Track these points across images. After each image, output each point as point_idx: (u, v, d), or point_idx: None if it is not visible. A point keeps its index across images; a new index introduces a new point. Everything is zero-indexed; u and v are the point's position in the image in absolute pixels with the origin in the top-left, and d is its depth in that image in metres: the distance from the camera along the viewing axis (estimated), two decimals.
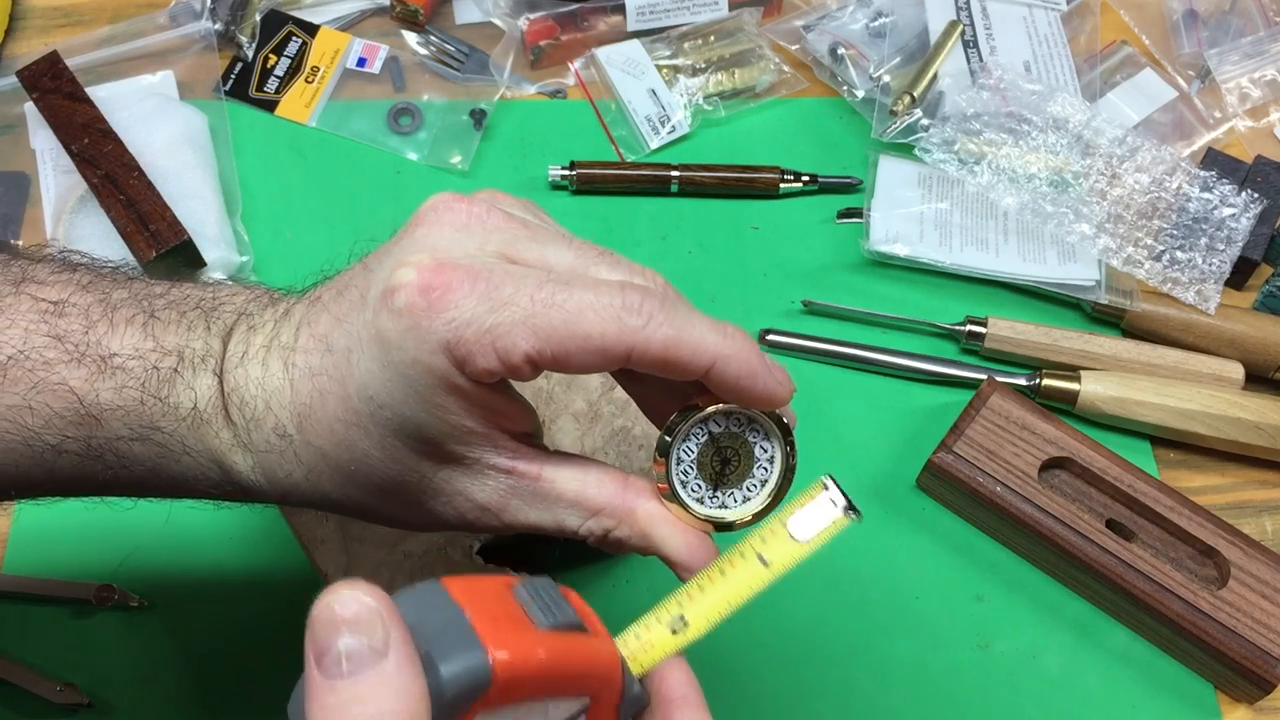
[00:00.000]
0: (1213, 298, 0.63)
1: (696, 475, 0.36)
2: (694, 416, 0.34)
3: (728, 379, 0.33)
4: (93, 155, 0.62)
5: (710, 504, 0.36)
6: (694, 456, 0.36)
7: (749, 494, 0.37)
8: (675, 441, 0.35)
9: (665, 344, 0.31)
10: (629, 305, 0.31)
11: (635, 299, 0.31)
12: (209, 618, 0.53)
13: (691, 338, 0.32)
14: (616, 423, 0.51)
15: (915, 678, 0.54)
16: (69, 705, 0.50)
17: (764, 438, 0.37)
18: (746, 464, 0.37)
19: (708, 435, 0.36)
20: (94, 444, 0.35)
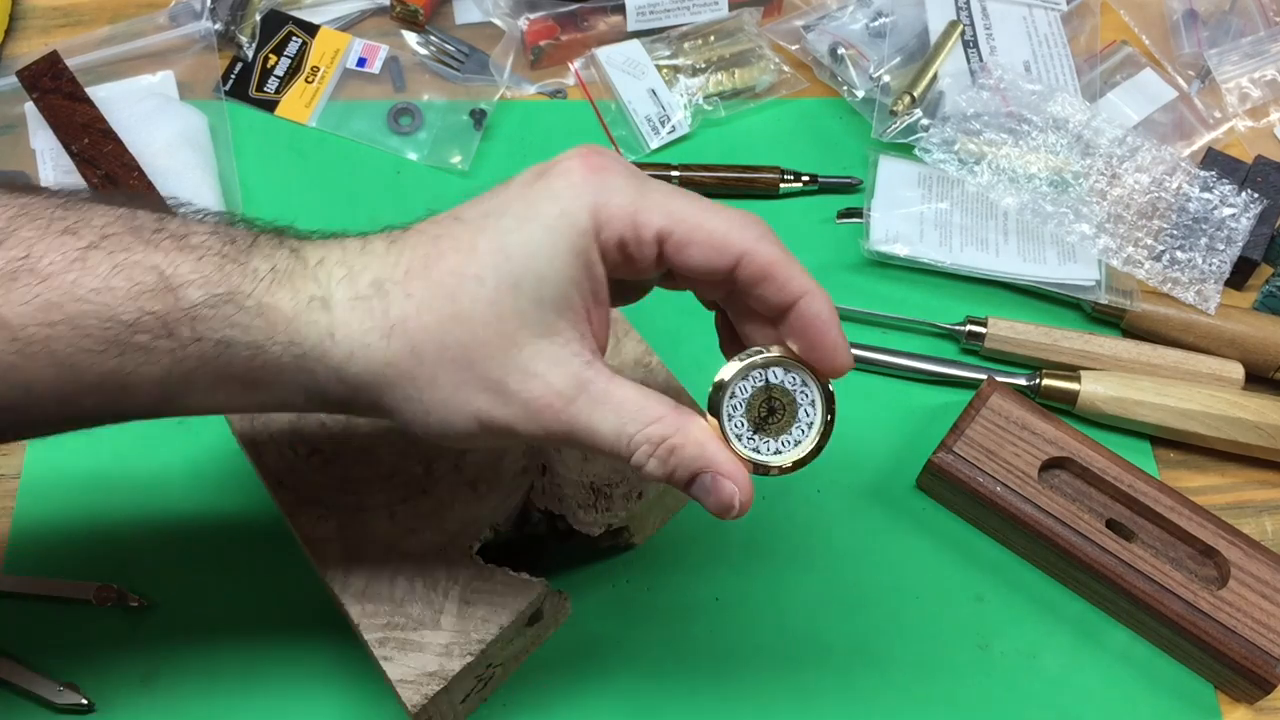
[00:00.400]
0: (1213, 298, 0.63)
1: (743, 413, 0.39)
2: (763, 356, 0.38)
3: (808, 318, 0.37)
4: (93, 155, 0.62)
5: (745, 444, 0.39)
6: (745, 397, 0.39)
7: (781, 448, 0.39)
8: (736, 377, 0.38)
9: (770, 259, 0.36)
10: (748, 222, 0.37)
11: (753, 220, 0.37)
12: (209, 618, 0.53)
13: (790, 266, 0.36)
14: None
15: (915, 678, 0.54)
16: (69, 705, 0.50)
17: (810, 403, 0.39)
18: (788, 420, 0.39)
19: (764, 382, 0.39)
20: (170, 318, 0.35)
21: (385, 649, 0.45)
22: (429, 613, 0.45)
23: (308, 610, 0.53)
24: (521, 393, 0.36)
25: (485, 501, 0.48)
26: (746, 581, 0.56)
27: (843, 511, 0.59)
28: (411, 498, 0.48)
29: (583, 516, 0.49)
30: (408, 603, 0.46)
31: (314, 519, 0.48)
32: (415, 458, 0.49)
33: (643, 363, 0.52)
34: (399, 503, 0.48)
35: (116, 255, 0.35)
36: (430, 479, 0.49)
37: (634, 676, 0.53)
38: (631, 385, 0.36)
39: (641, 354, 0.52)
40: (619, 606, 0.55)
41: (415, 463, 0.49)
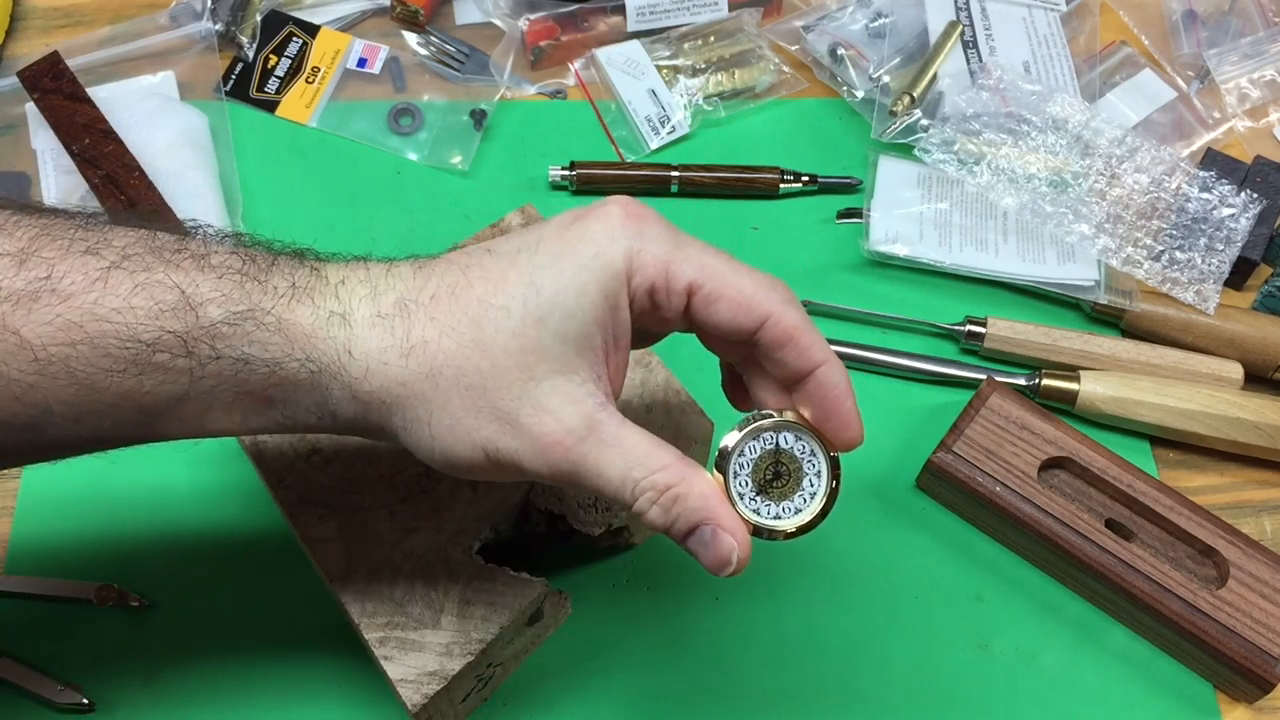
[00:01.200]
0: (1212, 298, 0.63)
1: (748, 473, 0.39)
2: (773, 419, 0.39)
3: (826, 387, 0.38)
4: (93, 155, 0.62)
5: (747, 505, 0.39)
6: (753, 458, 0.39)
7: (782, 514, 0.39)
8: (746, 436, 0.39)
9: (794, 325, 0.37)
10: (775, 285, 0.38)
11: (779, 284, 0.38)
12: (209, 618, 0.53)
13: (813, 334, 0.38)
14: None
15: (915, 678, 0.54)
16: (70, 705, 0.50)
17: (816, 472, 0.40)
18: (792, 486, 0.40)
19: (774, 445, 0.39)
20: (190, 336, 0.35)
21: (385, 648, 0.45)
22: (429, 612, 0.46)
23: (308, 610, 0.53)
24: (533, 426, 0.35)
25: (485, 501, 0.48)
26: (747, 581, 0.56)
27: (843, 511, 0.58)
28: (411, 497, 0.48)
29: (583, 516, 0.49)
30: (408, 602, 0.46)
31: (314, 518, 0.48)
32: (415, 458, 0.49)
33: (642, 362, 0.52)
34: (399, 502, 0.48)
35: (138, 275, 0.35)
36: (430, 479, 0.49)
37: (634, 676, 0.53)
38: (641, 432, 0.37)
39: (641, 354, 0.52)
40: (619, 606, 0.55)
41: (415, 463, 0.49)
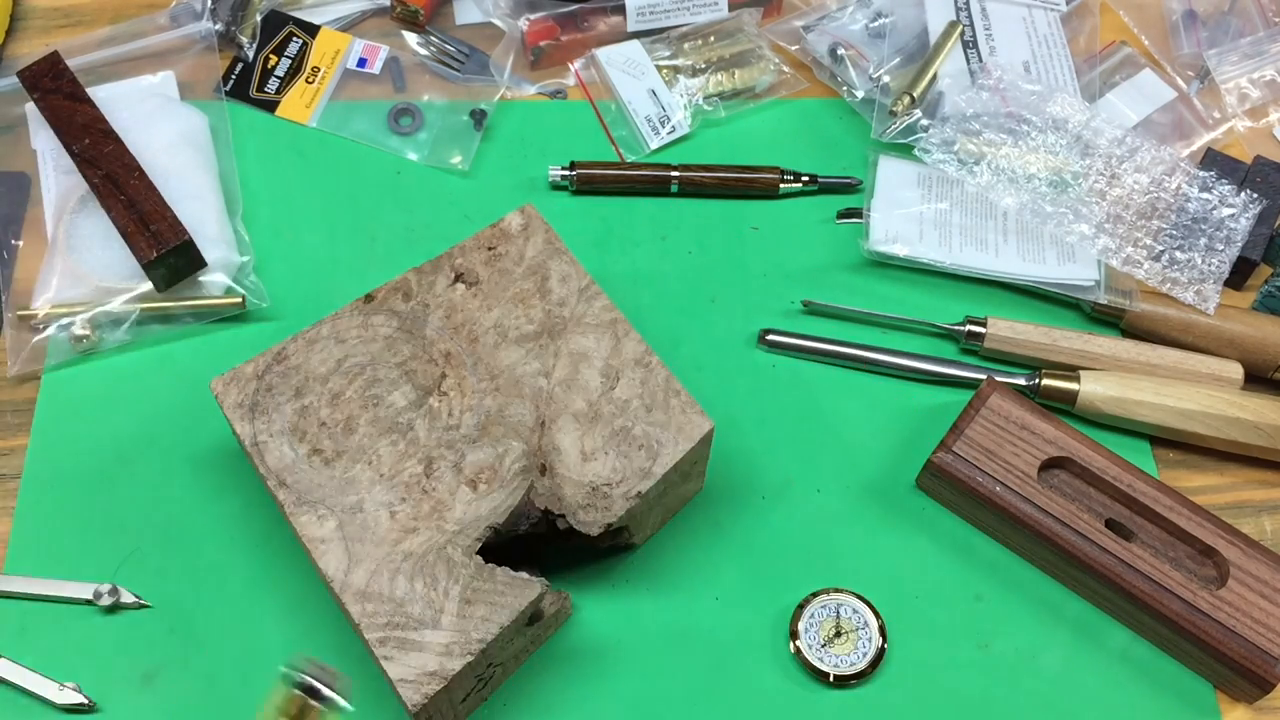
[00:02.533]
0: (1212, 298, 0.63)
1: (817, 630, 0.54)
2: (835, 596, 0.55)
3: None
4: (93, 155, 0.62)
5: (811, 653, 0.53)
6: (820, 619, 0.54)
7: (839, 663, 0.53)
8: (814, 604, 0.54)
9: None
10: None
11: None
12: (209, 618, 0.53)
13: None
14: (617, 422, 0.51)
15: (915, 678, 0.54)
16: (70, 705, 0.50)
17: (868, 639, 0.54)
18: (849, 643, 0.54)
19: (835, 612, 0.54)
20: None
21: (386, 648, 0.45)
22: (429, 612, 0.46)
23: (308, 609, 0.53)
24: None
25: (486, 501, 0.48)
26: (747, 580, 0.56)
27: (843, 511, 0.59)
28: (411, 498, 0.48)
29: (583, 516, 0.49)
30: (408, 602, 0.46)
31: (314, 519, 0.48)
32: (416, 457, 0.49)
33: (642, 363, 0.52)
34: (399, 502, 0.48)
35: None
36: (430, 479, 0.49)
37: (634, 676, 0.53)
38: None
39: (641, 354, 0.53)
40: (619, 606, 0.55)
41: (416, 462, 0.49)
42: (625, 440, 0.51)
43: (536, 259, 0.55)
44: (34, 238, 0.64)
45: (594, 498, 0.50)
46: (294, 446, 0.49)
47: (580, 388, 0.52)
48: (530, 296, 0.54)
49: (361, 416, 0.50)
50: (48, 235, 0.63)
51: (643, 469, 0.50)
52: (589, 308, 0.54)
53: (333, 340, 0.52)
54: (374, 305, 0.53)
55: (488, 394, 0.51)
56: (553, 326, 0.53)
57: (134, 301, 0.61)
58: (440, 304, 0.54)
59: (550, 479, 0.50)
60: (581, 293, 0.54)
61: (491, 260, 0.55)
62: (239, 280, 0.63)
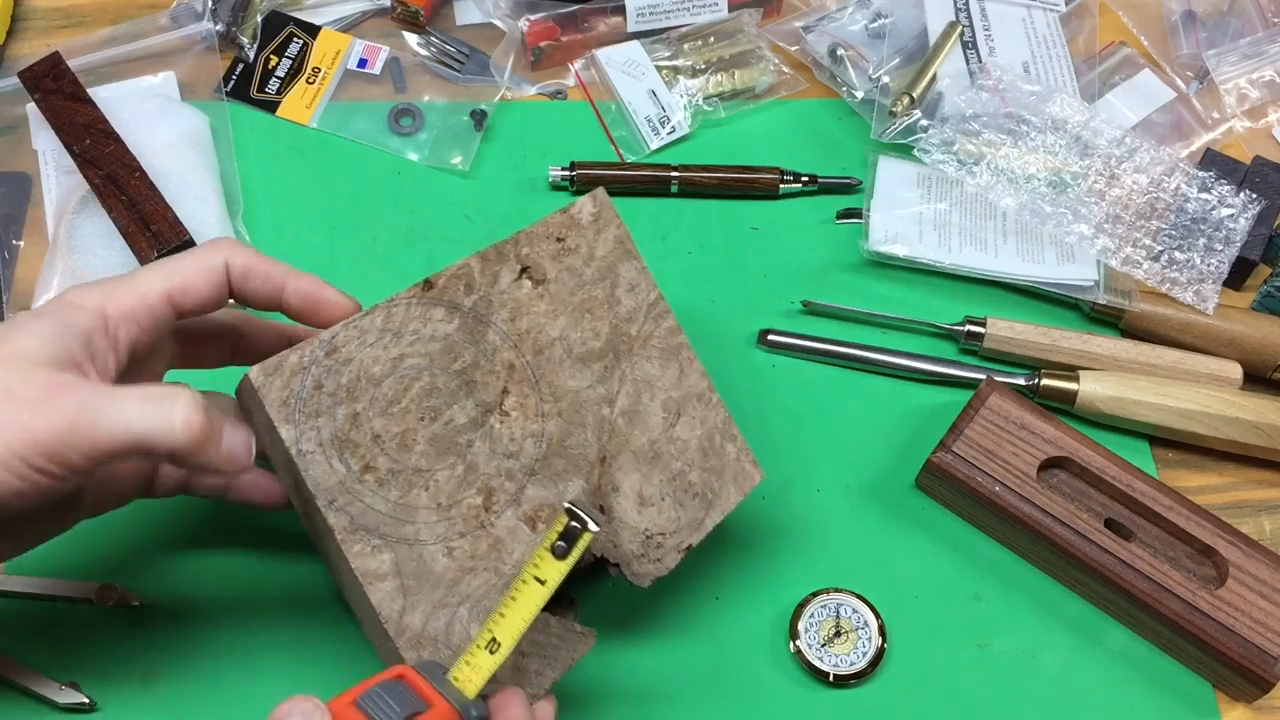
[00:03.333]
0: (1211, 298, 0.63)
1: (817, 630, 0.54)
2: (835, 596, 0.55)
3: (303, 292, 0.45)
4: (94, 156, 0.62)
5: (811, 653, 0.53)
6: (820, 619, 0.54)
7: (838, 663, 0.53)
8: (814, 604, 0.55)
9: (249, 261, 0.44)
10: (218, 243, 0.45)
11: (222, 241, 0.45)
12: (209, 617, 0.53)
13: (269, 262, 0.45)
14: (675, 465, 0.50)
15: (915, 677, 0.54)
16: (71, 704, 0.50)
17: (867, 638, 0.54)
18: (849, 643, 0.54)
19: (835, 612, 0.54)
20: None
21: None
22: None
23: (308, 609, 0.53)
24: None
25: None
26: (746, 580, 0.56)
27: (843, 511, 0.59)
28: (470, 533, 0.45)
29: (637, 568, 0.48)
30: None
31: (368, 550, 0.43)
32: (475, 485, 0.46)
33: (704, 399, 0.52)
34: (457, 537, 0.45)
35: None
36: (489, 512, 0.46)
37: (634, 676, 0.53)
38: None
39: (704, 389, 0.52)
40: (619, 606, 0.55)
41: (475, 492, 0.46)
42: (682, 488, 0.50)
43: (607, 260, 0.52)
44: (35, 238, 0.64)
45: (648, 547, 0.48)
46: (345, 460, 0.44)
47: (642, 422, 0.50)
48: (598, 306, 0.51)
49: (419, 431, 0.45)
50: (49, 235, 0.63)
51: (696, 519, 0.49)
52: (656, 327, 0.52)
53: (389, 334, 0.46)
54: (434, 294, 0.47)
55: (550, 418, 0.49)
56: (619, 345, 0.51)
57: None
58: (504, 303, 0.49)
59: (608, 524, 0.48)
60: (650, 308, 0.52)
61: (560, 255, 0.50)
62: None
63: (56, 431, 0.37)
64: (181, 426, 0.38)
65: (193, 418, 0.39)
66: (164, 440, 0.38)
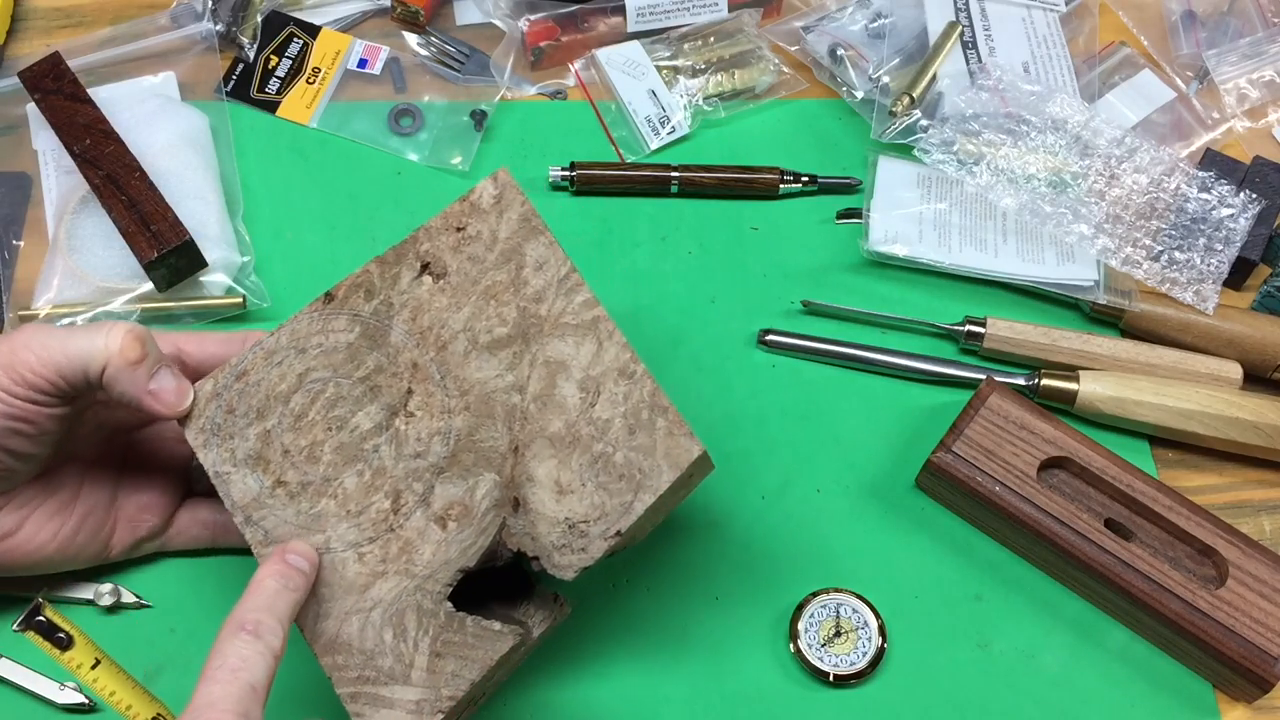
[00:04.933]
0: (1211, 298, 0.63)
1: (817, 630, 0.54)
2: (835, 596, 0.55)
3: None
4: (94, 156, 0.62)
5: (811, 653, 0.53)
6: (820, 619, 0.54)
7: (838, 663, 0.53)
8: (814, 604, 0.55)
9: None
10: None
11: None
12: (209, 618, 0.53)
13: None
14: (596, 448, 0.47)
15: (915, 677, 0.54)
16: (70, 705, 0.50)
17: (867, 638, 0.54)
18: (849, 643, 0.54)
19: (835, 612, 0.54)
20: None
21: (357, 704, 0.43)
22: (399, 666, 0.44)
23: None
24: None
25: (455, 542, 0.46)
26: (746, 580, 0.56)
27: (843, 511, 0.59)
28: (379, 537, 0.46)
29: (558, 559, 0.45)
30: (378, 655, 0.44)
31: None
32: (383, 490, 0.47)
33: (626, 373, 0.48)
34: (367, 543, 0.46)
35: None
36: (398, 514, 0.46)
37: (634, 676, 0.53)
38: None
39: (625, 362, 0.48)
40: (619, 606, 0.55)
41: (383, 496, 0.47)
42: (606, 470, 0.46)
43: (511, 241, 0.50)
44: (35, 238, 0.64)
45: (570, 536, 0.46)
46: (258, 478, 0.47)
47: (557, 405, 0.47)
48: (503, 291, 0.49)
49: (326, 442, 0.47)
50: (49, 235, 0.63)
51: (624, 504, 0.46)
52: (569, 303, 0.49)
53: (293, 351, 0.48)
54: (334, 306, 0.49)
55: (457, 413, 0.48)
56: (528, 328, 0.49)
57: (135, 302, 0.61)
58: (405, 303, 0.49)
59: (524, 516, 0.46)
60: (560, 284, 0.49)
61: (461, 245, 0.50)
62: (240, 280, 0.63)
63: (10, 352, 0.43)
64: (112, 343, 0.44)
65: (124, 339, 0.44)
66: (97, 355, 0.44)
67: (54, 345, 0.44)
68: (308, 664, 0.48)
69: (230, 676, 0.39)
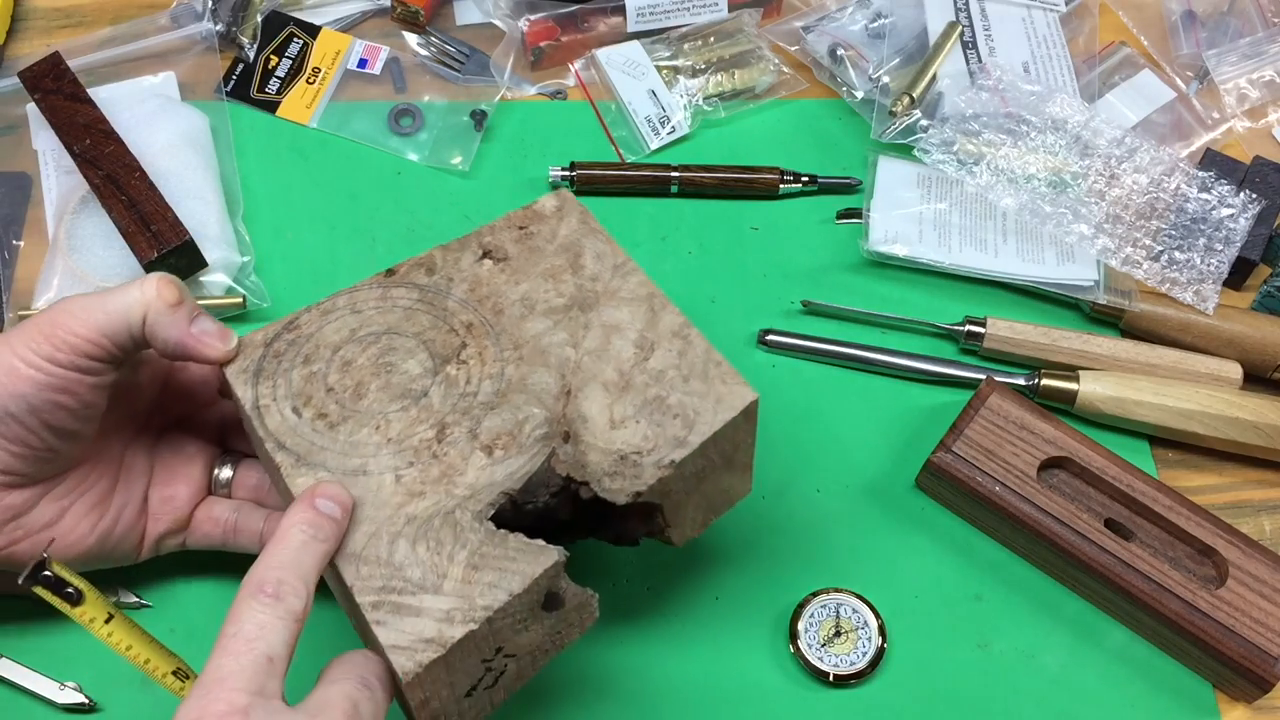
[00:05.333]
0: (1211, 298, 0.63)
1: (817, 630, 0.54)
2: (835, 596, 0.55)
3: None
4: (94, 156, 0.62)
5: (811, 653, 0.53)
6: (820, 619, 0.54)
7: (838, 663, 0.53)
8: (814, 604, 0.55)
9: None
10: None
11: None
12: (209, 618, 0.53)
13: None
14: (650, 392, 0.47)
15: (915, 677, 0.54)
16: (71, 704, 0.50)
17: (867, 638, 0.54)
18: (849, 643, 0.54)
19: (835, 612, 0.54)
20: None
21: (379, 613, 0.40)
22: (430, 577, 0.41)
23: None
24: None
25: (501, 466, 0.45)
26: (746, 580, 0.56)
27: (842, 511, 0.59)
28: (420, 461, 0.45)
29: (608, 484, 0.44)
30: (407, 566, 0.42)
31: (309, 479, 0.44)
32: (428, 422, 0.46)
33: (680, 334, 0.49)
34: (406, 467, 0.45)
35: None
36: (442, 443, 0.45)
37: (634, 676, 0.53)
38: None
39: (679, 326, 0.49)
40: (620, 606, 0.55)
41: (427, 427, 0.46)
42: (659, 409, 0.46)
43: (570, 237, 0.52)
44: (35, 238, 0.64)
45: (622, 465, 0.45)
46: (298, 411, 0.46)
47: (611, 357, 0.48)
48: (562, 272, 0.51)
49: (372, 383, 0.47)
50: (49, 235, 0.63)
51: (677, 437, 0.45)
52: (624, 283, 0.50)
53: (348, 311, 0.49)
54: (395, 279, 0.51)
55: (510, 362, 0.48)
56: (584, 300, 0.50)
57: None
58: (465, 278, 0.51)
59: (574, 446, 0.45)
60: (617, 269, 0.51)
61: (522, 239, 0.52)
62: (240, 280, 0.63)
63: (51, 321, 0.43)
64: (148, 290, 0.44)
65: (158, 283, 0.45)
66: (136, 305, 0.44)
67: (93, 306, 0.44)
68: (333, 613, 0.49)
69: (245, 647, 0.36)
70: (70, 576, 0.44)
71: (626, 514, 0.47)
